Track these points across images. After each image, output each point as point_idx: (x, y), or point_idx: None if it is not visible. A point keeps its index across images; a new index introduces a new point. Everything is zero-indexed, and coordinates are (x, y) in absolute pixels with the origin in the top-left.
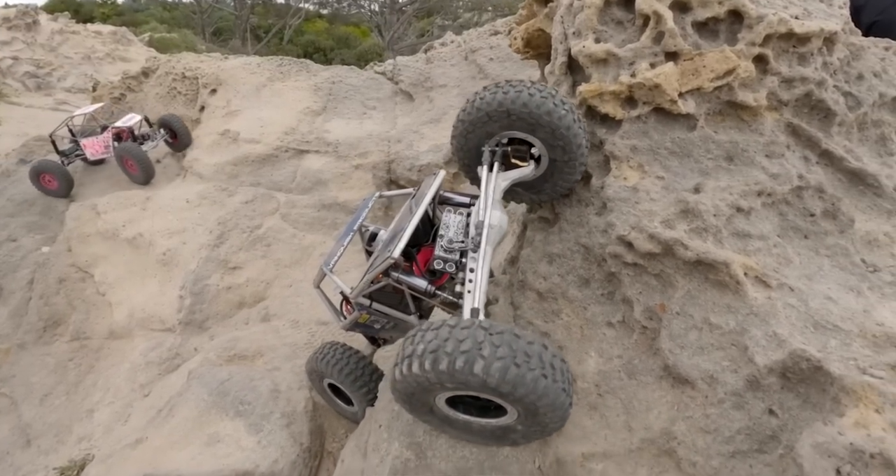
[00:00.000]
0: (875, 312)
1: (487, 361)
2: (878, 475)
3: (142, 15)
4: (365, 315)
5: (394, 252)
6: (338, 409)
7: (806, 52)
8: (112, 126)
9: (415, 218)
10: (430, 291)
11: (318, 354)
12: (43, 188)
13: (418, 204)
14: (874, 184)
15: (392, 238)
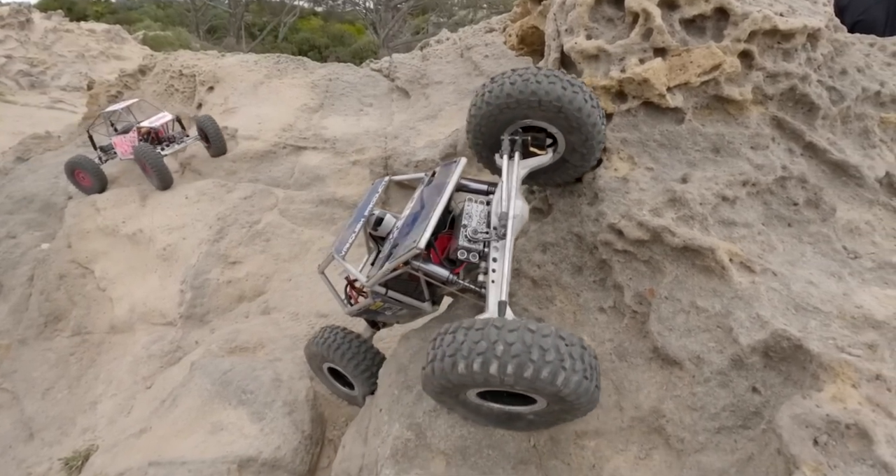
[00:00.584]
0: (855, 296)
1: (502, 361)
2: (854, 445)
3: (135, 13)
4: (378, 302)
5: (420, 242)
6: (338, 392)
7: (790, 48)
8: (138, 125)
9: (439, 206)
10: (451, 281)
11: (318, 338)
12: (77, 184)
13: (440, 191)
14: (856, 175)
15: (412, 225)
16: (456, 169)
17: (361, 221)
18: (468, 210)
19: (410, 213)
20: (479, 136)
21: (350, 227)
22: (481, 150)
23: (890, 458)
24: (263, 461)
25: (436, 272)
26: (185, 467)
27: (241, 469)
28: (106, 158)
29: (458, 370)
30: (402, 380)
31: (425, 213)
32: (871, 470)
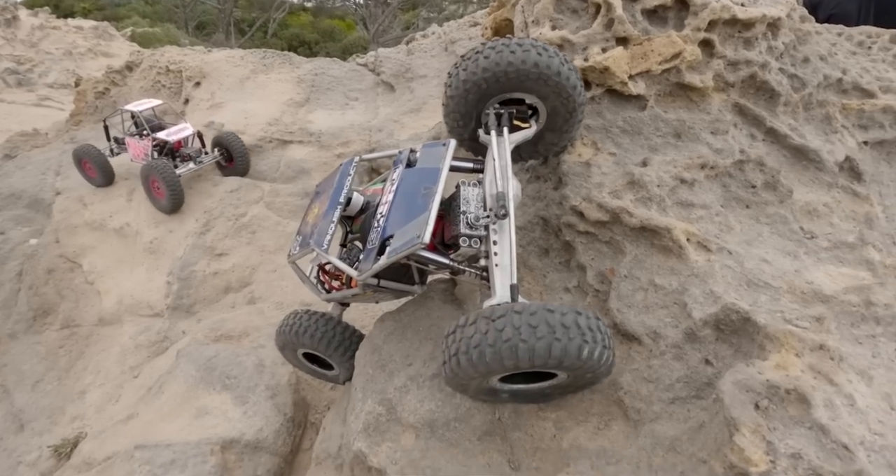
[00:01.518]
0: (807, 273)
1: (529, 344)
2: (793, 409)
3: (123, 9)
4: (369, 292)
5: (424, 237)
6: (320, 376)
7: (751, 37)
8: (153, 136)
9: (437, 195)
10: (454, 268)
11: (285, 327)
12: (84, 174)
13: (433, 178)
14: (816, 159)
15: (404, 213)
16: (447, 152)
17: (338, 209)
18: (465, 195)
19: (395, 197)
20: (458, 116)
21: (326, 216)
22: (462, 132)
23: (827, 421)
24: (246, 442)
25: (437, 261)
26: (170, 449)
27: (224, 450)
28: (118, 152)
29: (486, 359)
30: (376, 360)
31: (422, 201)
32: (808, 432)
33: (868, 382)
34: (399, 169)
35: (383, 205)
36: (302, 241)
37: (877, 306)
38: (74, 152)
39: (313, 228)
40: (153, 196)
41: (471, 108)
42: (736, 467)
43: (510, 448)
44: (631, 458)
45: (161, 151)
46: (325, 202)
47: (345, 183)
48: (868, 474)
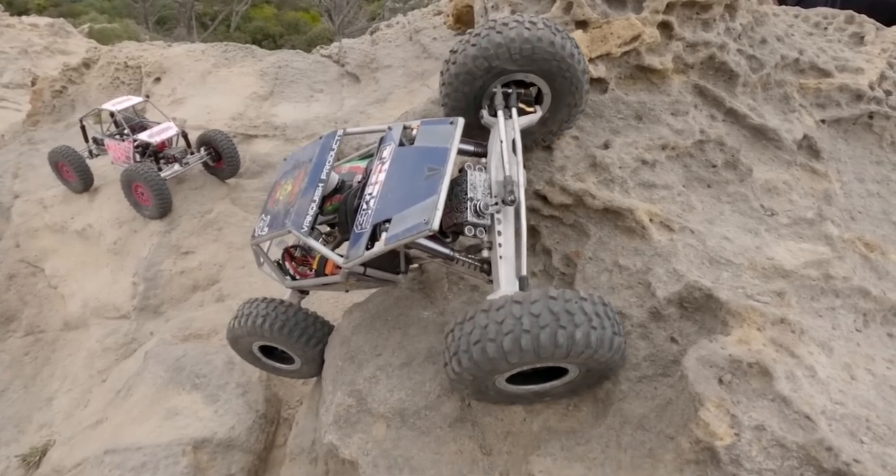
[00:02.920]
0: (768, 249)
1: (533, 334)
2: (756, 382)
3: (80, 5)
4: (352, 281)
5: (432, 223)
6: (277, 372)
7: (708, 19)
8: (134, 138)
9: (446, 179)
10: (456, 259)
11: (241, 317)
12: (61, 178)
13: (440, 159)
14: (775, 138)
15: (402, 194)
16: (455, 131)
17: (320, 187)
18: (472, 180)
19: (388, 178)
20: (460, 97)
21: (305, 194)
22: (462, 115)
23: (789, 392)
24: (218, 441)
25: (438, 250)
26: (141, 452)
27: (197, 450)
28: (97, 153)
29: (488, 355)
30: (344, 352)
31: (426, 184)
32: (771, 404)
33: (828, 354)
34: (390, 147)
35: (372, 185)
36: (271, 222)
37: (835, 279)
38: (50, 155)
39: (287, 207)
40: (137, 202)
41: (476, 88)
42: (702, 442)
43: (481, 433)
44: (600, 437)
45: (144, 153)
46: (301, 178)
47: (327, 158)
48: (829, 442)
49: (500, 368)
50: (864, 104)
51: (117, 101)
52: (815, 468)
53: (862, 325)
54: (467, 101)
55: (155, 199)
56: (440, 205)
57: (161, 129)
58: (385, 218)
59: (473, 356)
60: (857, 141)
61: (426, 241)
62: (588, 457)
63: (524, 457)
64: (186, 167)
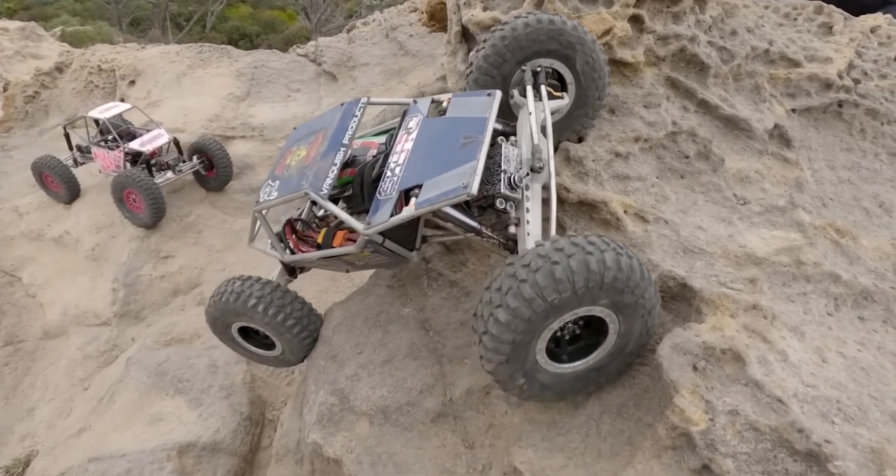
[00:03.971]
0: (740, 237)
1: (563, 264)
2: (729, 368)
3: (51, 8)
4: (366, 252)
5: (472, 187)
6: (253, 357)
7: (679, 12)
8: (126, 147)
9: (485, 145)
10: (482, 232)
11: (225, 295)
12: (46, 189)
13: (478, 128)
14: (746, 128)
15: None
16: (493, 102)
17: (342, 151)
18: (506, 153)
19: (416, 147)
20: (488, 81)
21: (326, 157)
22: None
23: (761, 377)
24: (203, 445)
25: (467, 222)
26: (125, 459)
27: (181, 455)
28: (82, 162)
29: (524, 296)
30: (326, 351)
31: (462, 151)
32: (744, 388)
33: (800, 338)
34: (417, 118)
35: (397, 154)
36: (282, 186)
37: (807, 265)
38: (33, 165)
39: (303, 170)
40: (128, 210)
41: (505, 72)
42: (678, 428)
43: (464, 427)
44: (580, 426)
45: (134, 162)
46: (319, 143)
47: (349, 124)
48: (800, 424)
49: (538, 313)
50: (834, 93)
51: (104, 107)
52: (788, 449)
53: (833, 309)
54: (495, 85)
55: (148, 206)
56: (479, 170)
57: (152, 136)
58: (415, 184)
59: (510, 305)
60: (828, 129)
61: (454, 211)
62: (569, 447)
63: (506, 449)
64: (179, 175)
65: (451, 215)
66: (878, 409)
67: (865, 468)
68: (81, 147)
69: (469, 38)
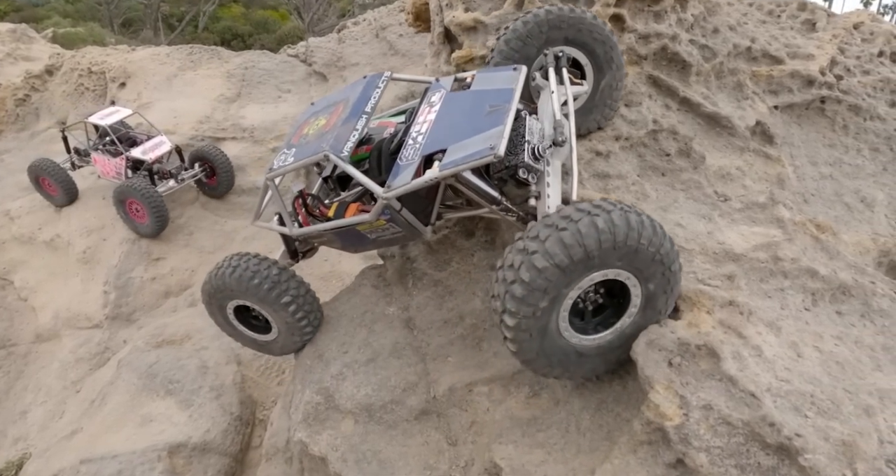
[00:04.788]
0: (720, 234)
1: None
2: (705, 363)
3: (42, 9)
4: (381, 221)
5: (499, 148)
6: (243, 340)
7: (660, 10)
8: (127, 154)
9: (511, 112)
10: (501, 202)
11: (227, 268)
12: (42, 192)
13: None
14: (728, 125)
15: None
16: (520, 75)
17: (364, 119)
18: (530, 125)
19: (439, 118)
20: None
21: (348, 122)
22: None
23: (735, 372)
24: (193, 445)
25: (487, 191)
26: (116, 460)
27: (172, 455)
28: (80, 165)
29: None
30: (312, 350)
31: (489, 118)
32: (719, 384)
33: (776, 333)
34: (440, 92)
35: (419, 124)
36: (298, 152)
37: (784, 261)
38: (30, 169)
39: (322, 136)
40: (130, 219)
41: (526, 55)
42: (653, 423)
43: (447, 424)
44: (560, 422)
45: (135, 168)
46: (341, 111)
47: (372, 94)
48: (772, 418)
49: (553, 283)
50: (816, 89)
51: (105, 112)
52: (760, 443)
53: (811, 304)
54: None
55: (151, 215)
56: (506, 133)
57: (154, 143)
58: (438, 148)
59: (524, 279)
60: (811, 125)
61: (476, 178)
62: (548, 442)
63: (488, 445)
64: (182, 183)
65: (472, 183)
66: (852, 403)
67: (836, 461)
68: (79, 150)
69: (452, 40)
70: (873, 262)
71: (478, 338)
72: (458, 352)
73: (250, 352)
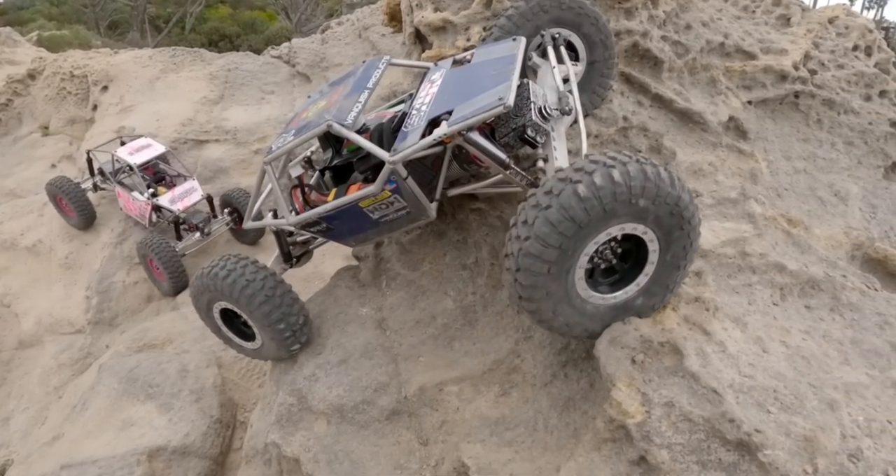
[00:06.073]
0: None
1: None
2: (668, 360)
3: (27, 12)
4: (387, 191)
5: (508, 98)
6: (228, 342)
7: (630, 7)
8: (156, 204)
9: (517, 70)
10: (508, 165)
11: (217, 269)
12: (60, 212)
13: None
14: (701, 121)
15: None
16: (519, 45)
17: (367, 93)
18: (533, 88)
19: (441, 90)
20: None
21: (350, 96)
22: None
23: (697, 368)
24: (173, 449)
25: (494, 153)
26: (96, 465)
27: (151, 459)
28: (102, 187)
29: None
30: None
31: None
32: (681, 380)
33: (743, 328)
34: (440, 72)
35: (421, 98)
36: (298, 132)
37: (752, 256)
38: (48, 187)
39: (324, 112)
40: (153, 276)
41: (526, 32)
42: (615, 420)
43: (418, 424)
44: (528, 421)
45: (159, 209)
46: (341, 91)
47: (373, 74)
48: (731, 414)
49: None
50: (790, 84)
51: (135, 146)
52: (721, 440)
53: (779, 298)
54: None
55: (169, 277)
56: (514, 86)
57: (184, 190)
58: (444, 111)
59: (539, 234)
60: (785, 120)
61: (483, 139)
62: (516, 441)
63: (457, 445)
64: (207, 238)
65: (479, 144)
66: (816, 397)
67: (797, 456)
68: (104, 172)
69: (423, 40)
70: (846, 255)
71: (449, 337)
72: (430, 351)
73: (231, 354)
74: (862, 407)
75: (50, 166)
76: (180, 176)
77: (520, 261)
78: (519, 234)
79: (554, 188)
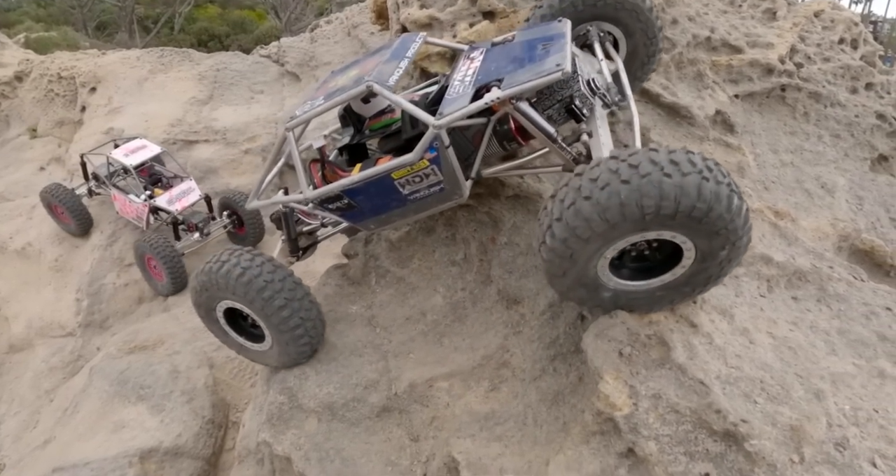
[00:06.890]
0: None
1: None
2: (656, 353)
3: (14, 14)
4: (425, 161)
5: (565, 65)
6: (237, 349)
7: None
8: (154, 205)
9: (568, 42)
10: (555, 138)
11: (229, 266)
12: (55, 219)
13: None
14: (687, 115)
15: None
16: (566, 25)
17: (406, 61)
18: (580, 63)
19: (485, 62)
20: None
21: (390, 62)
22: None
23: (684, 360)
24: (165, 450)
25: (542, 125)
26: (88, 468)
27: (143, 460)
28: (98, 192)
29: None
30: None
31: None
32: (668, 372)
33: (729, 320)
34: (479, 50)
35: (461, 72)
36: (328, 97)
37: None
38: (42, 194)
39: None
40: (149, 276)
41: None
42: (603, 413)
43: (409, 420)
44: (518, 415)
45: (156, 211)
46: (376, 60)
47: (410, 46)
48: (718, 405)
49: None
50: (776, 78)
51: (130, 147)
52: (707, 430)
53: (766, 290)
54: None
55: (168, 276)
56: (569, 54)
57: (181, 190)
58: (494, 79)
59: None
60: (772, 113)
61: (532, 110)
62: (506, 436)
63: (447, 440)
64: (206, 238)
65: (529, 115)
66: (803, 387)
67: (783, 446)
68: (98, 177)
69: None
70: (833, 247)
71: (439, 333)
72: (420, 348)
73: (223, 355)
74: (848, 396)
75: (38, 169)
76: (177, 177)
77: (545, 237)
78: (553, 209)
79: (601, 178)
